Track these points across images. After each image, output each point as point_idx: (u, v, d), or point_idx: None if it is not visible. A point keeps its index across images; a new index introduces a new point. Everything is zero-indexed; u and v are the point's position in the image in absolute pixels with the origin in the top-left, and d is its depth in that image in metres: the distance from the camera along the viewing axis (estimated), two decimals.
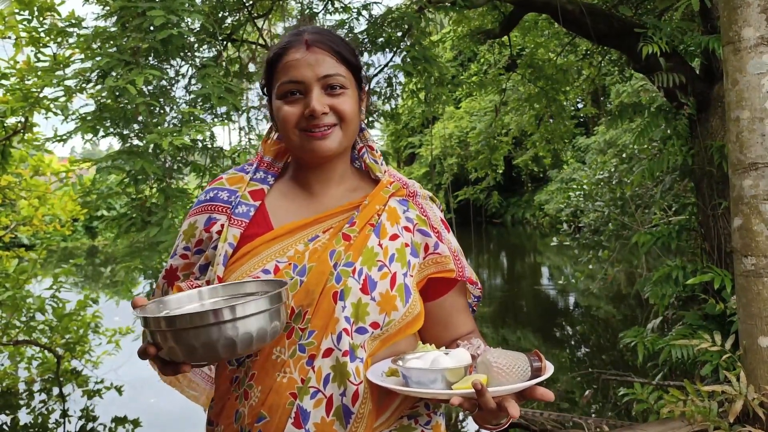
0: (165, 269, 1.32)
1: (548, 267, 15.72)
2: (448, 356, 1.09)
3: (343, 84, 1.21)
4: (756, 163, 2.75)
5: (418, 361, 1.11)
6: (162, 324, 0.95)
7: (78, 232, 22.79)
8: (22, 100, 4.49)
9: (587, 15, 4.59)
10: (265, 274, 1.17)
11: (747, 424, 2.67)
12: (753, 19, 2.75)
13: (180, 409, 5.23)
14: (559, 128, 8.25)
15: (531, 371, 1.04)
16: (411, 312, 1.19)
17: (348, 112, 1.20)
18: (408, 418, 1.22)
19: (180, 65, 4.58)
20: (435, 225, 1.27)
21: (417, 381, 1.06)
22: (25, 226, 6.50)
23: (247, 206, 1.25)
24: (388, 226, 1.23)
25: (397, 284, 1.18)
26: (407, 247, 1.23)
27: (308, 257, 1.18)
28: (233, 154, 4.84)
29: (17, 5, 4.54)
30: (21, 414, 5.61)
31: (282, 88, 1.21)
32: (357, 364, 1.14)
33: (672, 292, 4.18)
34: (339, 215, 1.24)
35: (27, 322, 5.83)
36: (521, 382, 1.02)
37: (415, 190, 1.31)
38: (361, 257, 1.18)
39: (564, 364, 6.61)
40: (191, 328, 0.94)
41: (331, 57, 1.20)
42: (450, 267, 1.25)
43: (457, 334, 1.29)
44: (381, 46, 5.11)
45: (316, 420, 1.12)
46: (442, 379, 1.05)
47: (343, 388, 1.13)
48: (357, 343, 1.15)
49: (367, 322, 1.16)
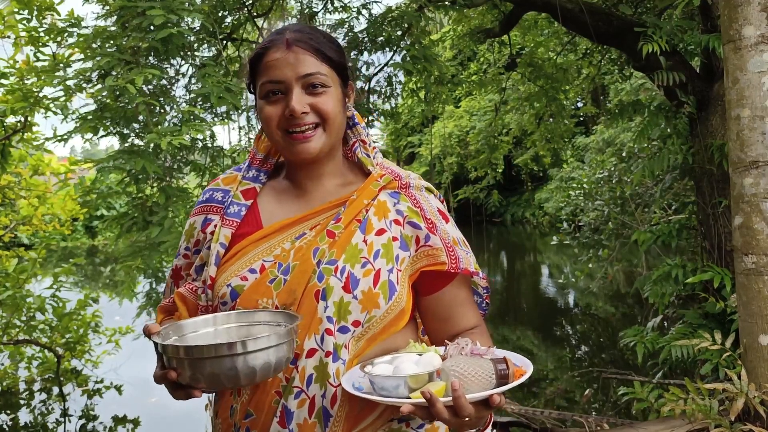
0: (171, 269, 1.35)
1: (548, 266, 15.73)
2: (416, 361, 1.07)
3: (324, 83, 1.19)
4: (757, 162, 2.75)
5: (387, 366, 1.09)
6: (181, 352, 1.00)
7: (78, 232, 22.78)
8: (21, 100, 4.49)
9: (587, 14, 4.59)
10: (252, 273, 1.18)
11: (748, 422, 2.67)
12: (753, 17, 2.75)
13: (180, 409, 5.23)
14: (559, 127, 8.24)
15: (496, 379, 1.01)
16: (394, 309, 1.17)
17: (329, 112, 1.19)
18: (399, 422, 1.20)
19: (180, 64, 4.57)
20: (429, 216, 1.23)
21: (380, 387, 1.04)
22: (25, 226, 6.50)
23: (238, 206, 1.25)
24: (375, 220, 1.21)
25: (380, 281, 1.16)
26: (395, 241, 1.21)
27: (293, 256, 1.18)
28: (233, 154, 4.84)
29: (17, 5, 4.54)
30: (21, 413, 5.61)
31: (263, 88, 1.20)
32: (339, 365, 1.13)
33: (672, 291, 4.18)
34: (327, 212, 1.22)
35: (27, 322, 5.83)
36: (483, 389, 1.00)
37: (408, 181, 1.27)
38: (345, 254, 1.17)
39: (564, 363, 6.62)
40: (211, 358, 0.98)
41: (312, 56, 1.19)
42: (442, 260, 1.20)
43: (459, 328, 1.26)
44: (381, 45, 5.11)
45: (299, 420, 1.13)
46: (404, 386, 1.02)
47: (323, 390, 1.13)
48: (340, 343, 1.14)
49: (349, 321, 1.15)
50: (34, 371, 6.28)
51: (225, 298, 1.18)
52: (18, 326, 5.83)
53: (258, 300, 1.16)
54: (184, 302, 1.25)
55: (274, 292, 1.15)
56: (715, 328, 3.21)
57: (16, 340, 5.79)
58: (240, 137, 6.65)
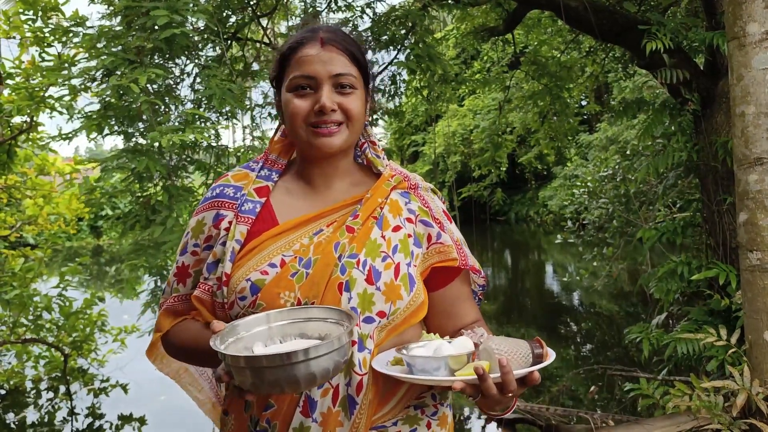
0: (176, 267, 1.33)
1: (552, 264, 15.72)
2: (450, 344, 1.11)
3: (352, 84, 1.23)
4: (761, 158, 2.75)
5: (422, 349, 1.13)
6: (241, 362, 0.99)
7: (83, 232, 22.87)
8: (27, 99, 4.51)
9: (591, 11, 4.59)
10: (272, 267, 1.19)
11: (752, 417, 2.67)
12: (758, 14, 2.74)
13: (187, 407, 5.25)
14: (563, 125, 8.23)
15: (533, 357, 1.06)
16: (415, 301, 1.22)
17: (355, 112, 1.23)
18: (414, 408, 1.24)
19: (185, 64, 4.59)
20: (437, 216, 1.30)
21: (421, 369, 1.08)
22: (30, 225, 6.52)
23: (252, 203, 1.27)
24: (391, 218, 1.26)
25: (401, 274, 1.21)
26: (410, 237, 1.26)
27: (313, 250, 1.21)
28: (237, 153, 4.85)
29: (22, 5, 4.56)
30: (28, 412, 5.63)
31: (293, 82, 1.23)
32: (365, 354, 1.16)
33: (677, 288, 4.18)
34: (342, 209, 1.26)
35: (34, 321, 5.85)
36: (523, 368, 1.04)
37: (417, 182, 1.34)
38: (365, 249, 1.20)
39: (569, 361, 6.61)
40: (273, 367, 0.98)
41: (344, 56, 1.23)
42: (453, 256, 1.26)
43: (462, 323, 1.30)
44: (385, 44, 5.12)
45: (322, 409, 1.14)
46: (445, 367, 1.06)
47: (348, 378, 1.15)
48: (366, 333, 1.17)
49: (374, 312, 1.18)
50: (41, 370, 6.31)
51: (244, 292, 1.19)
52: (25, 325, 5.86)
53: (279, 293, 1.18)
54: (202, 304, 1.26)
55: (297, 285, 1.18)
56: (721, 325, 3.21)
57: (23, 339, 5.82)
58: (244, 136, 6.65)
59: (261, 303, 1.18)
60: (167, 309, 1.32)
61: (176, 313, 1.32)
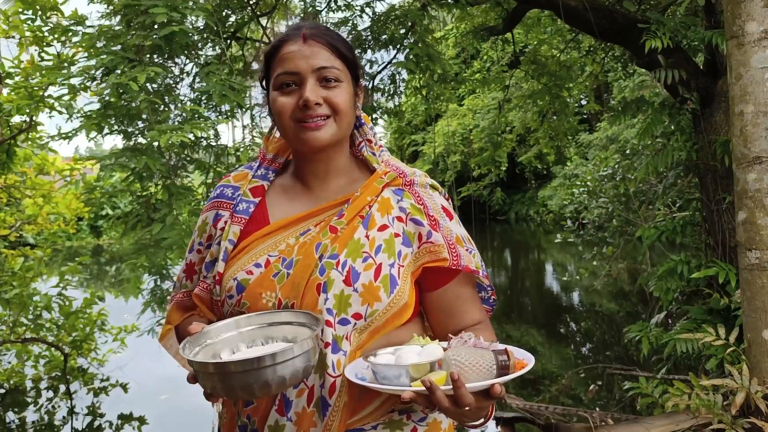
0: (185, 263, 1.37)
1: (552, 264, 15.72)
2: (419, 352, 1.08)
3: (337, 77, 1.22)
4: (760, 157, 2.75)
5: (390, 356, 1.10)
6: (210, 368, 1.00)
7: (83, 231, 22.85)
8: (26, 99, 4.51)
9: (590, 11, 4.59)
10: (257, 268, 1.20)
11: (751, 416, 2.68)
12: (757, 13, 2.75)
13: (187, 407, 5.25)
14: (563, 125, 8.24)
15: (497, 369, 1.01)
16: (396, 302, 1.18)
17: (341, 105, 1.21)
18: (399, 413, 1.21)
19: (185, 63, 4.59)
20: (432, 213, 1.25)
21: (383, 376, 1.05)
22: (30, 225, 6.53)
23: (247, 203, 1.28)
24: (378, 217, 1.23)
25: (381, 275, 1.18)
26: (398, 237, 1.22)
27: (296, 251, 1.20)
28: (237, 152, 4.85)
29: (21, 5, 4.56)
30: (28, 412, 5.64)
31: (278, 80, 1.23)
32: (339, 356, 1.15)
33: (676, 287, 4.18)
34: (332, 209, 1.25)
35: (34, 320, 5.86)
36: (484, 379, 1.00)
37: (413, 179, 1.29)
38: (347, 249, 1.19)
39: (569, 360, 6.62)
40: (240, 372, 0.98)
41: (327, 50, 1.22)
42: (443, 256, 1.22)
43: (463, 324, 1.27)
44: (384, 43, 5.12)
45: (297, 409, 1.15)
46: (406, 375, 1.03)
47: (322, 380, 1.15)
48: (340, 335, 1.16)
49: (349, 314, 1.16)
50: (41, 369, 6.31)
51: (231, 291, 1.21)
52: (25, 324, 5.86)
53: (262, 293, 1.18)
54: (201, 301, 1.29)
55: (278, 286, 1.18)
56: (720, 324, 3.21)
57: (23, 339, 5.82)
58: (244, 135, 6.65)
59: (245, 302, 1.19)
60: (177, 303, 1.36)
61: (186, 308, 1.36)
